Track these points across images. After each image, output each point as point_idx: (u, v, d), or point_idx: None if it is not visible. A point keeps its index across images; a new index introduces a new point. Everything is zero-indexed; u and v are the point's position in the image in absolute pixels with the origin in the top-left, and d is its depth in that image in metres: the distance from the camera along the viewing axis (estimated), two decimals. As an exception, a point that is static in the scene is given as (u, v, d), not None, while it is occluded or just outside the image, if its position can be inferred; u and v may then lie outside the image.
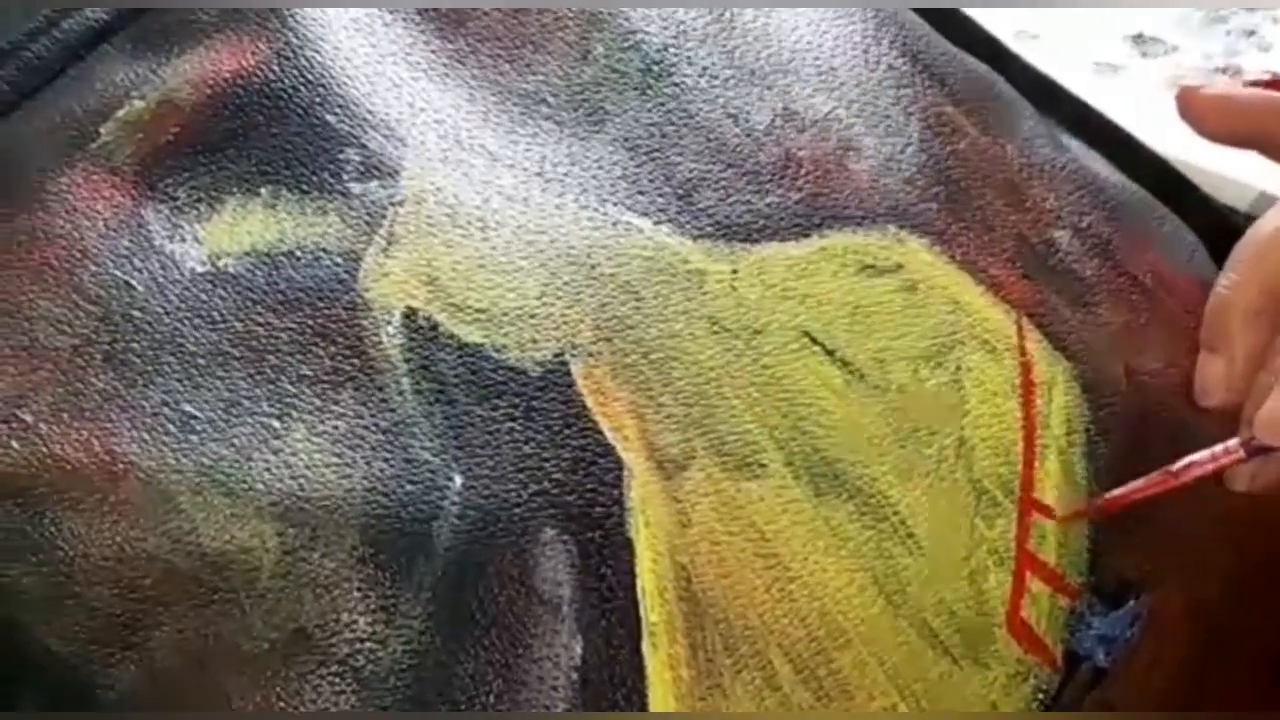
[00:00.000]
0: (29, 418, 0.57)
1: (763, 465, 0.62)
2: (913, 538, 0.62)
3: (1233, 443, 0.65)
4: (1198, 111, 0.73)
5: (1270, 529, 0.71)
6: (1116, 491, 0.66)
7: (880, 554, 0.62)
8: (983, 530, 0.64)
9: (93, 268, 0.60)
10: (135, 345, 0.59)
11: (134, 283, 0.60)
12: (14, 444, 0.57)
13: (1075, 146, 0.79)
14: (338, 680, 0.56)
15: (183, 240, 0.61)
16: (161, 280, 0.60)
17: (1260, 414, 0.64)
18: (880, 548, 0.62)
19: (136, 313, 0.59)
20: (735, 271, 0.65)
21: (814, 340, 0.65)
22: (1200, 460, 0.65)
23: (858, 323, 0.66)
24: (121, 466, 0.57)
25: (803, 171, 0.68)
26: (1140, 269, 0.74)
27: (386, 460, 0.58)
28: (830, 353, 0.65)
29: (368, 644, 0.56)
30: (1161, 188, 0.79)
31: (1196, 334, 0.73)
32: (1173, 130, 0.76)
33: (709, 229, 0.65)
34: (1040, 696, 0.63)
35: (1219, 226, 0.78)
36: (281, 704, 0.56)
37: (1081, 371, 0.69)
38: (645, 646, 0.58)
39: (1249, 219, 0.74)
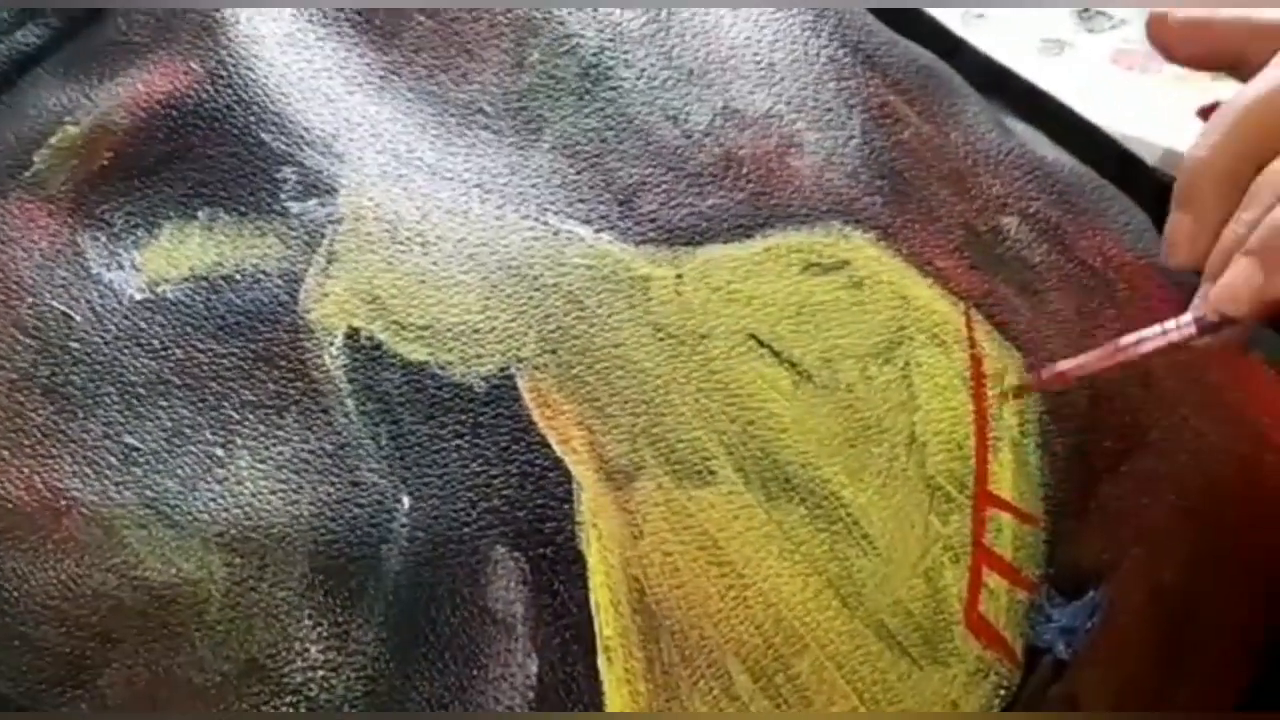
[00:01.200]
0: (-33, 456, 0.56)
1: (713, 472, 0.61)
2: (866, 538, 0.62)
3: (1185, 318, 0.65)
4: (1168, 37, 0.72)
5: (1226, 513, 0.71)
6: (1066, 363, 0.65)
7: (834, 556, 0.61)
8: (937, 527, 0.63)
9: (30, 299, 0.60)
10: (75, 377, 0.58)
11: (72, 313, 0.59)
12: (-48, 484, 0.56)
13: (1021, 129, 0.79)
14: (291, 709, 0.55)
15: (121, 268, 0.61)
16: (100, 310, 0.59)
17: (1218, 286, 0.63)
18: (834, 550, 0.62)
19: (75, 344, 0.59)
20: (680, 276, 0.64)
21: (760, 342, 0.64)
22: (1150, 335, 0.65)
23: (804, 322, 0.65)
24: (64, 502, 0.56)
25: (744, 171, 0.68)
26: (1090, 253, 0.74)
27: (333, 484, 0.58)
28: (777, 354, 0.64)
29: (320, 672, 0.56)
30: (1110, 166, 0.78)
31: (1148, 318, 0.72)
32: (1121, 106, 0.76)
33: (651, 234, 0.65)
34: (1001, 693, 0.63)
35: (1169, 202, 0.77)
36: (235, 736, 0.55)
37: (1033, 362, 0.68)
38: (600, 661, 0.58)
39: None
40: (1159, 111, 0.94)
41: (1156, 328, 0.64)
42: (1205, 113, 0.71)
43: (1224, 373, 0.74)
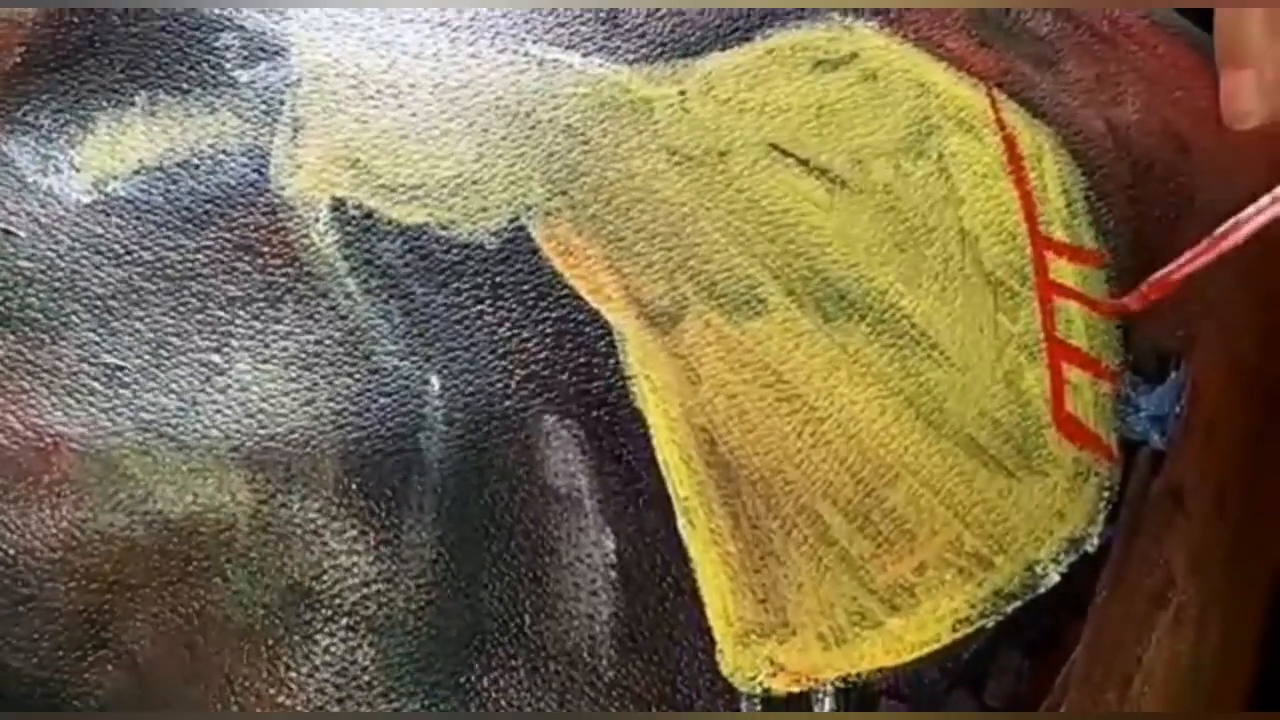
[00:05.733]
0: (-74, 404, 0.48)
1: (762, 300, 0.54)
2: (937, 348, 0.55)
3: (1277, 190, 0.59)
4: None
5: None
6: (1159, 274, 0.59)
7: (907, 373, 0.55)
8: (1007, 325, 0.57)
9: (-39, 221, 0.51)
10: (32, 299, 0.50)
11: (14, 229, 0.51)
12: (-84, 438, 0.48)
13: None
14: (351, 634, 0.48)
15: (58, 171, 0.52)
16: (45, 220, 0.51)
17: None
18: (906, 366, 0.55)
19: (25, 263, 0.51)
20: (683, 92, 0.57)
21: (784, 152, 0.57)
22: (1247, 216, 0.59)
23: (825, 124, 0.58)
24: (49, 440, 0.48)
25: (728, -30, 0.60)
26: (1095, 18, 0.67)
27: (350, 375, 0.50)
28: (804, 162, 0.57)
29: (375, 586, 0.49)
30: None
31: (1166, 78, 0.66)
32: None
33: (644, 51, 0.57)
34: (1105, 495, 0.56)
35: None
36: (292, 673, 0.48)
37: (1065, 136, 0.61)
38: (682, 526, 0.51)
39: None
40: None
41: (1250, 209, 0.58)
42: None
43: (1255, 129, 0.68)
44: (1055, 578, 0.55)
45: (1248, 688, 0.63)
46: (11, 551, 0.48)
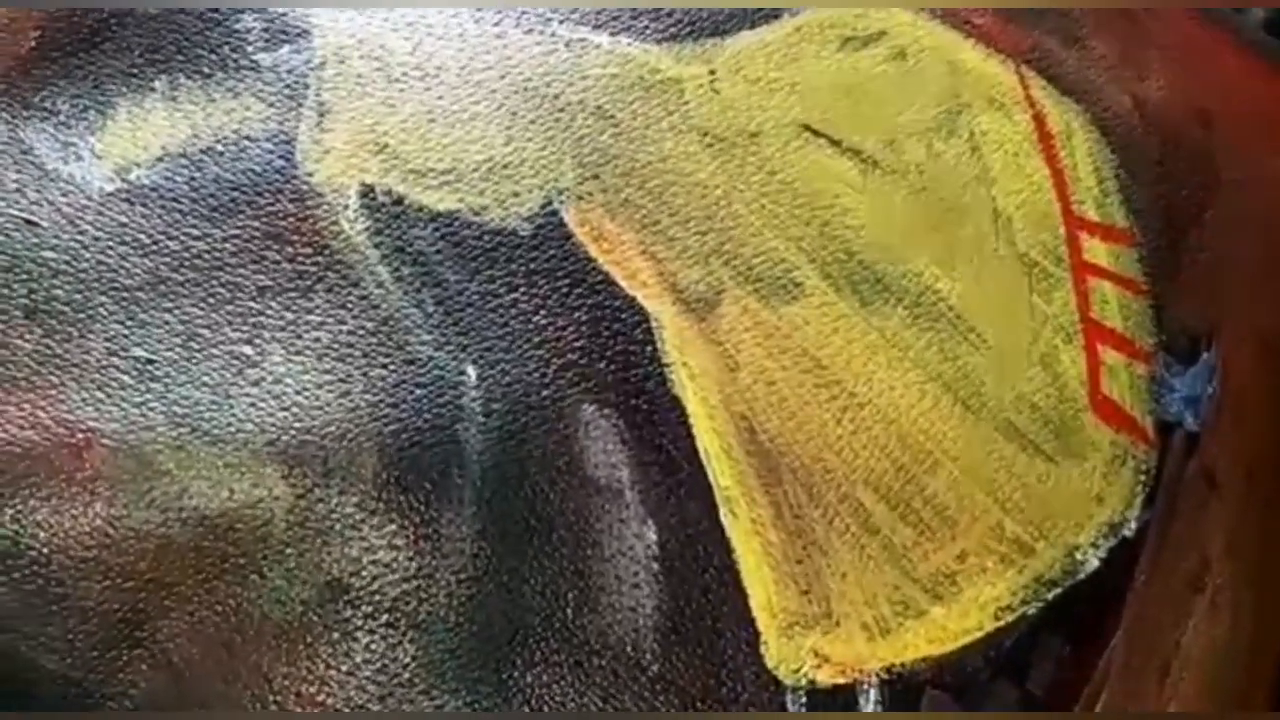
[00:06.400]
0: (-46, 401, 0.47)
1: (798, 284, 0.53)
2: (974, 331, 0.55)
3: None
4: None
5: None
6: None
7: (945, 357, 0.54)
8: (1043, 307, 0.56)
9: (-18, 211, 0.49)
10: (58, 291, 0.49)
11: (36, 219, 0.49)
12: (-56, 436, 0.46)
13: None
14: (391, 631, 0.47)
15: (79, 158, 0.51)
16: (68, 210, 0.50)
17: None
18: (943, 350, 0.54)
19: (49, 254, 0.49)
20: (713, 72, 0.56)
21: (815, 132, 0.56)
22: None
23: (856, 104, 0.57)
24: (81, 436, 0.47)
25: (753, -54, 0.59)
26: (1116, -9, 0.66)
27: (385, 366, 0.49)
28: (836, 143, 0.56)
29: (415, 582, 0.48)
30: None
31: (1189, 54, 0.66)
32: None
33: (672, 30, 0.56)
34: (1143, 478, 0.56)
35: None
36: (332, 671, 0.46)
37: (1093, 113, 0.60)
38: (724, 516, 0.50)
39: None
40: None
41: None
42: None
43: (1277, 99, 0.67)
44: (1095, 563, 0.54)
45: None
46: (45, 550, 0.47)
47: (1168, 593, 0.56)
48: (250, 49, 0.53)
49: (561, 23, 0.56)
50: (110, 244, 0.50)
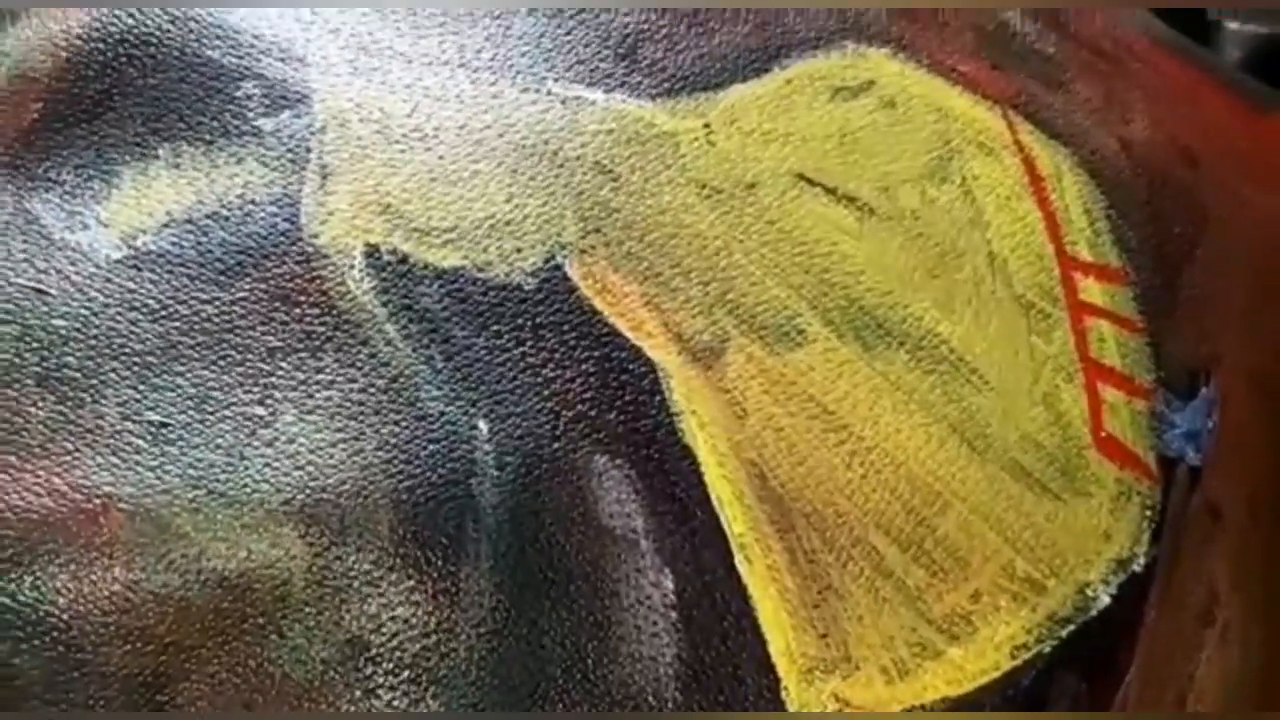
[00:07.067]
0: (-31, 471, 0.47)
1: (801, 331, 0.54)
2: (976, 373, 0.55)
3: None
4: None
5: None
6: None
7: (949, 399, 0.54)
8: (1042, 347, 0.57)
9: (-10, 282, 0.50)
10: (69, 359, 0.49)
11: (45, 287, 0.49)
12: (-38, 506, 0.46)
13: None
14: (413, 687, 0.47)
15: (85, 227, 0.51)
16: (76, 278, 0.50)
17: None
18: (947, 392, 0.54)
19: (59, 321, 0.49)
20: (708, 125, 0.57)
21: (811, 182, 0.57)
22: None
23: (849, 152, 0.58)
24: (97, 501, 0.47)
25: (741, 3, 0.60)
26: (1098, 37, 0.67)
27: (397, 423, 0.49)
28: (831, 191, 0.57)
29: (435, 637, 0.47)
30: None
31: (1171, 95, 0.67)
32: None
33: (665, 85, 0.57)
34: (1148, 514, 0.56)
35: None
36: (355, 729, 0.46)
37: (1081, 155, 0.61)
38: (739, 563, 0.50)
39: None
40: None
41: None
42: None
43: (1258, 138, 0.68)
44: (1106, 599, 0.55)
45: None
46: (65, 616, 0.47)
47: (1178, 627, 0.57)
48: (251, 115, 0.54)
49: (556, 80, 0.56)
50: (120, 310, 0.50)
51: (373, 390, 0.50)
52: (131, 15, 0.55)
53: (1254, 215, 0.66)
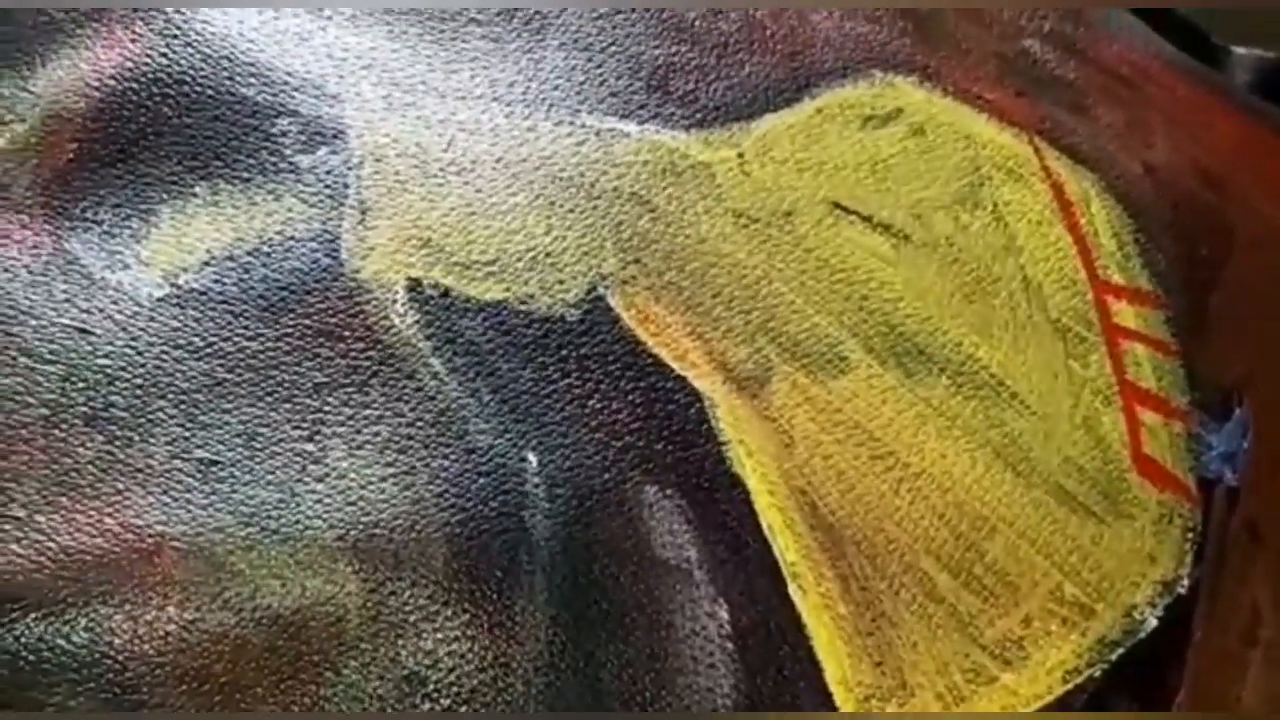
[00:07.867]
0: (20, 512, 0.46)
1: (844, 358, 0.54)
2: (1016, 398, 0.55)
3: None
4: None
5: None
6: None
7: (992, 424, 0.54)
8: (1079, 371, 0.57)
9: (33, 323, 0.49)
10: (116, 398, 0.48)
11: (89, 327, 0.49)
12: (14, 547, 0.46)
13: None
14: (472, 721, 0.46)
15: (126, 267, 0.51)
16: (119, 317, 0.50)
17: None
18: (990, 417, 0.54)
19: (104, 360, 0.49)
20: (741, 155, 0.57)
21: (846, 210, 0.57)
22: None
23: (881, 180, 0.58)
24: (150, 540, 0.46)
25: (769, 34, 0.60)
26: (1115, 62, 0.68)
27: (447, 457, 0.49)
28: (866, 219, 0.57)
29: (491, 672, 0.47)
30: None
31: (1190, 118, 0.67)
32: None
33: (698, 116, 0.57)
34: (1190, 535, 0.56)
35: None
36: (414, 766, 0.46)
37: (1107, 180, 0.62)
38: (793, 591, 0.50)
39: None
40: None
41: None
42: None
43: (1276, 159, 0.69)
44: (1153, 622, 0.54)
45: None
46: (121, 657, 0.46)
47: (1224, 648, 0.57)
48: (288, 151, 0.53)
49: (590, 113, 0.56)
50: (165, 349, 0.50)
51: (421, 424, 0.49)
52: (164, 54, 0.55)
53: (1273, 233, 0.66)
